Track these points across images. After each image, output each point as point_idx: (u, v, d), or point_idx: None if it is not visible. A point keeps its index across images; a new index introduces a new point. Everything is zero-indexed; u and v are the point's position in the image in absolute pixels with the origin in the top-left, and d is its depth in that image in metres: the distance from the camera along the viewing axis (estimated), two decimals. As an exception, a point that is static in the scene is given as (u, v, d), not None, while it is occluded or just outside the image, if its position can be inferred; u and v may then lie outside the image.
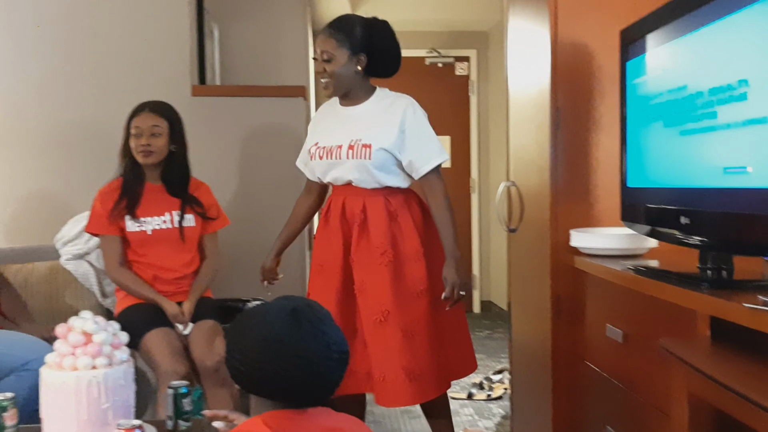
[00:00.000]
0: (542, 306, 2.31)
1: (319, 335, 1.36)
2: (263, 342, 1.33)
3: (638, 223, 1.94)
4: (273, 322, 1.35)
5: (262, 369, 1.33)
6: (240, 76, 3.86)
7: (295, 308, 1.37)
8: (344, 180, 2.34)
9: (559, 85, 2.23)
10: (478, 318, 5.81)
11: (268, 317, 1.36)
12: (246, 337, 1.36)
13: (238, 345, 1.36)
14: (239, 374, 1.37)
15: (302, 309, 1.37)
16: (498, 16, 5.48)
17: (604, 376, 1.95)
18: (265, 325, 1.35)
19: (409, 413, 3.51)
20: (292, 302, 1.41)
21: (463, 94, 6.01)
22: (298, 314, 1.36)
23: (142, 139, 2.52)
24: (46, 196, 3.09)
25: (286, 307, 1.37)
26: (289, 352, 1.32)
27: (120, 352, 1.87)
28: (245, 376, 1.36)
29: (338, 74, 2.30)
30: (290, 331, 1.34)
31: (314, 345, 1.34)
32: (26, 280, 2.74)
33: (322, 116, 2.48)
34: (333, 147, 2.33)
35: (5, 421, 1.86)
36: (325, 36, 2.31)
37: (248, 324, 1.38)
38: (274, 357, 1.33)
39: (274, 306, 1.39)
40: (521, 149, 2.61)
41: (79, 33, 3.13)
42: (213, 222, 2.65)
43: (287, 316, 1.36)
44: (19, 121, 3.10)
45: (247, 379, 1.37)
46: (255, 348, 1.34)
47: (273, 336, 1.33)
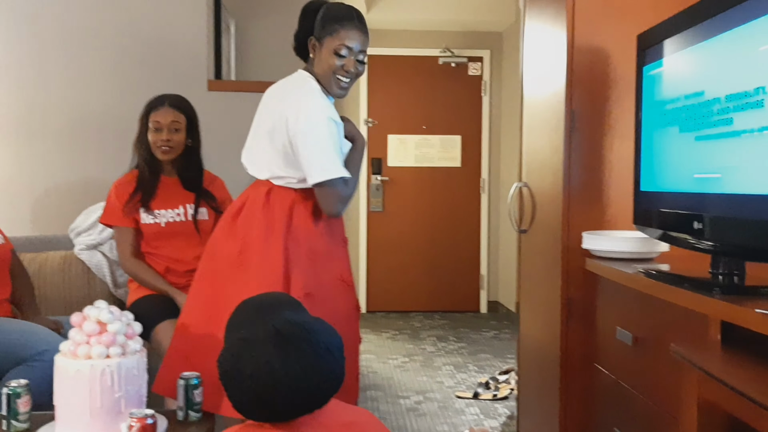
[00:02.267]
0: (552, 307, 2.32)
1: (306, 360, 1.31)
2: (270, 374, 1.29)
3: (650, 226, 1.94)
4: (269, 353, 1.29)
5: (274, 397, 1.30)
6: (255, 72, 3.88)
7: (279, 331, 1.31)
8: None
9: (575, 87, 2.24)
10: (486, 318, 5.83)
11: (252, 347, 1.31)
12: (248, 376, 1.30)
13: (240, 385, 1.31)
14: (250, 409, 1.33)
15: (287, 330, 1.32)
16: (513, 17, 5.48)
17: (614, 379, 1.96)
18: (261, 359, 1.30)
19: (415, 411, 3.52)
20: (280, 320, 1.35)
21: (476, 94, 6.01)
22: (283, 340, 1.31)
23: (162, 135, 2.54)
24: (61, 187, 3.12)
25: (269, 332, 1.32)
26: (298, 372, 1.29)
27: (133, 342, 1.89)
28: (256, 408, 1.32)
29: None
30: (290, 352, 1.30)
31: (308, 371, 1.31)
32: (40, 269, 2.77)
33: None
34: None
35: (19, 408, 1.88)
36: (365, 35, 2.09)
37: (245, 363, 1.31)
38: (286, 382, 1.29)
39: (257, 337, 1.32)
40: (535, 151, 2.62)
41: (100, 28, 3.16)
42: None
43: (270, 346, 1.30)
44: (39, 114, 3.13)
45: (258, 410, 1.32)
46: (263, 383, 1.29)
47: (277, 366, 1.29)
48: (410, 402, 3.66)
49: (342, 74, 2.06)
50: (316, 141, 1.98)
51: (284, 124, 2.01)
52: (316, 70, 2.08)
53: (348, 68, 2.05)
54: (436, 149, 6.02)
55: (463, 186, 6.03)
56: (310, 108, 2.00)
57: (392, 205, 6.00)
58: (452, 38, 5.96)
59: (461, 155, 6.02)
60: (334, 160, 1.99)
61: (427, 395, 3.77)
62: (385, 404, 3.61)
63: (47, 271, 2.79)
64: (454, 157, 6.01)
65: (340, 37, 2.03)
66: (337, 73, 2.06)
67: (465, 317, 5.82)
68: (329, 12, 2.06)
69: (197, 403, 1.91)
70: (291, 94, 2.07)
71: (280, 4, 3.93)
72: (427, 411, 3.52)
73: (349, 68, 2.05)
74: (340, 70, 2.05)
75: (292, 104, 2.02)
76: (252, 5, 3.92)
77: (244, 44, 3.89)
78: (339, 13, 2.06)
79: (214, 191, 2.67)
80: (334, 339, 1.38)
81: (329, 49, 2.04)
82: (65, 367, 1.81)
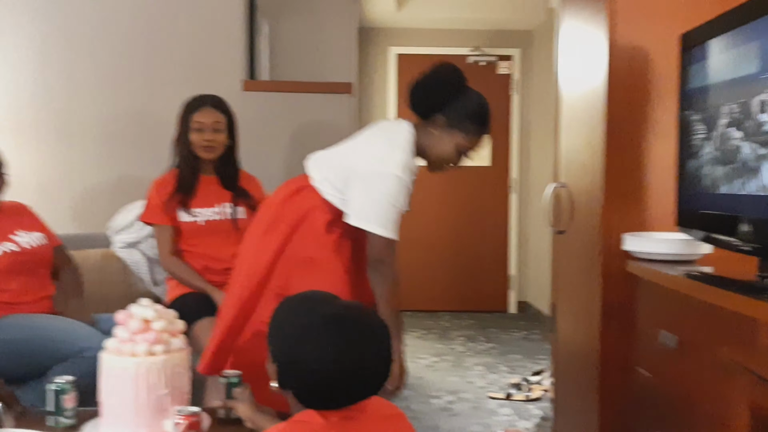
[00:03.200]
0: (591, 309, 2.30)
1: (364, 340, 1.36)
2: (336, 359, 1.32)
3: (693, 228, 1.92)
4: (332, 338, 1.33)
5: (338, 382, 1.33)
6: (288, 72, 3.91)
7: (334, 315, 1.36)
8: None
9: (615, 88, 2.22)
10: (515, 319, 5.80)
11: (309, 334, 1.34)
12: (312, 363, 1.33)
13: (304, 373, 1.34)
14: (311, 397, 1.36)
15: (341, 314, 1.37)
16: (543, 15, 5.45)
17: (657, 383, 1.95)
18: (326, 345, 1.33)
19: (447, 411, 3.52)
20: (334, 307, 1.40)
21: (505, 93, 5.99)
22: (339, 323, 1.35)
23: (205, 135, 2.57)
24: (100, 185, 3.17)
25: (325, 315, 1.37)
26: (362, 355, 1.34)
27: (177, 339, 1.92)
28: (318, 395, 1.35)
29: None
30: (353, 336, 1.34)
31: (365, 352, 1.35)
32: (80, 266, 2.81)
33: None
34: None
35: (65, 404, 1.91)
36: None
37: (307, 350, 1.34)
38: (351, 367, 1.33)
39: (313, 317, 1.37)
40: (572, 150, 2.60)
41: (135, 29, 3.20)
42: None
43: (329, 329, 1.34)
44: (77, 113, 3.18)
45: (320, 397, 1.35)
46: (329, 368, 1.32)
47: (343, 349, 1.33)
48: (442, 402, 3.66)
49: (447, 167, 2.10)
50: (375, 188, 1.96)
51: (363, 157, 2.01)
52: (427, 141, 2.06)
53: (456, 163, 2.10)
54: (465, 148, 5.99)
55: (491, 185, 6.01)
56: (392, 159, 1.97)
57: (420, 204, 5.97)
58: (482, 37, 5.94)
59: (490, 154, 5.99)
60: (379, 214, 1.96)
61: (459, 395, 3.76)
62: (417, 404, 3.61)
63: (86, 269, 2.83)
64: (483, 156, 5.99)
65: (474, 143, 2.07)
66: (449, 162, 2.09)
67: (493, 317, 5.80)
68: (478, 111, 2.08)
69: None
70: (386, 137, 2.05)
71: (313, 5, 3.95)
72: (460, 411, 3.52)
73: (456, 164, 2.10)
74: (449, 163, 2.09)
75: (381, 147, 2.01)
76: (285, 6, 3.94)
77: (277, 44, 3.91)
78: (486, 118, 2.09)
79: (251, 190, 2.70)
80: (382, 323, 1.42)
81: (456, 143, 2.06)
82: (111, 364, 1.84)
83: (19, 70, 3.16)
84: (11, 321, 2.30)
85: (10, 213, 2.47)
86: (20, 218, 2.48)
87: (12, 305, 2.34)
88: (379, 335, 1.39)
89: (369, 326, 1.39)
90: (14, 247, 2.36)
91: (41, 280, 2.45)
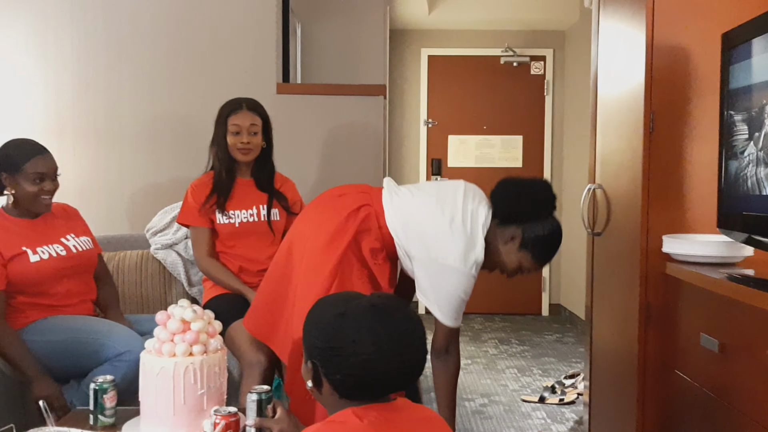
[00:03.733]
0: (629, 312, 2.27)
1: (402, 328, 1.38)
2: (377, 348, 1.34)
3: (734, 230, 1.89)
4: (373, 326, 1.36)
5: (380, 372, 1.36)
6: (320, 74, 3.93)
7: (373, 304, 1.39)
8: None
9: (654, 88, 2.19)
10: (548, 321, 5.75)
11: (364, 324, 1.36)
12: (353, 353, 1.35)
13: (347, 362, 1.36)
14: (352, 388, 1.38)
15: (380, 303, 1.40)
16: (576, 15, 5.40)
17: (697, 387, 1.91)
18: (368, 333, 1.35)
19: (480, 414, 3.50)
20: (370, 297, 1.44)
21: (538, 94, 5.94)
22: (378, 311, 1.38)
23: (242, 137, 2.59)
24: (138, 188, 3.22)
25: (366, 306, 1.39)
26: (400, 345, 1.35)
27: (215, 340, 1.93)
28: (360, 386, 1.37)
29: None
30: (392, 326, 1.37)
31: (411, 327, 1.39)
32: (118, 267, 2.86)
33: None
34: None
35: (105, 403, 1.94)
36: None
37: (348, 339, 1.36)
38: (390, 356, 1.35)
39: (356, 311, 1.39)
40: (610, 152, 2.57)
41: (172, 33, 3.24)
42: (295, 216, 2.71)
43: (378, 314, 1.38)
44: (117, 117, 3.23)
45: (361, 387, 1.37)
46: (370, 357, 1.34)
47: (383, 337, 1.35)
48: (475, 405, 3.64)
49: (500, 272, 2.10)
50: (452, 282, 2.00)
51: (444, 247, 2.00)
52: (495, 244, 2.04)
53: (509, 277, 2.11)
54: (497, 150, 5.97)
55: (524, 187, 5.95)
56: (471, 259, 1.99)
57: (452, 206, 5.97)
58: (514, 37, 5.90)
59: (523, 156, 5.96)
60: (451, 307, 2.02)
61: (492, 398, 3.74)
62: (450, 406, 3.59)
63: (124, 270, 2.88)
64: (516, 158, 5.95)
65: (535, 268, 2.08)
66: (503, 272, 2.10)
67: (526, 320, 5.76)
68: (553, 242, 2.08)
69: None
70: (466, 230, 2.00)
71: (345, 7, 3.97)
72: (493, 414, 3.50)
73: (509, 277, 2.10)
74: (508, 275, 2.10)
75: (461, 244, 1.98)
76: (317, 8, 3.96)
77: (310, 47, 3.94)
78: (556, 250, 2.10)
79: (286, 192, 2.71)
80: (416, 315, 1.44)
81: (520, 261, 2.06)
82: (150, 364, 1.86)
83: (61, 76, 3.22)
84: (54, 322, 2.34)
85: (61, 215, 2.52)
86: (71, 222, 2.53)
87: (56, 308, 2.38)
88: (415, 324, 1.41)
89: (406, 315, 1.41)
90: (63, 251, 2.40)
91: (86, 284, 2.49)
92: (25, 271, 2.30)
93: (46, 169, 2.36)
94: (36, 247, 2.35)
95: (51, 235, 2.41)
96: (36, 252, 2.34)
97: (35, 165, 2.33)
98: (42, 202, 2.37)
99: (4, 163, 2.32)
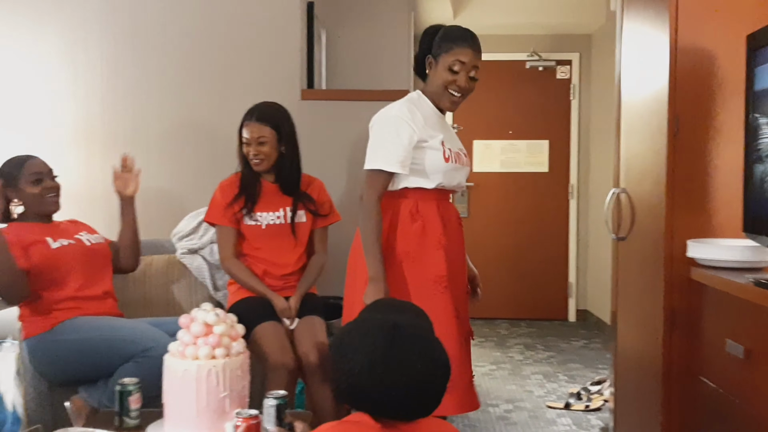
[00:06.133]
0: (654, 318, 2.24)
1: (423, 352, 1.34)
2: (369, 365, 1.32)
3: (761, 234, 1.86)
4: (376, 344, 1.33)
5: (367, 390, 1.33)
6: (345, 80, 3.95)
7: (396, 325, 1.35)
8: (461, 186, 2.36)
9: (678, 91, 2.17)
10: (574, 327, 5.70)
11: (370, 338, 1.34)
12: (349, 360, 1.34)
13: (341, 366, 1.35)
14: (343, 394, 1.37)
15: (404, 325, 1.36)
16: (602, 19, 5.36)
17: (722, 393, 1.88)
18: (367, 347, 1.33)
19: (505, 420, 3.48)
20: (392, 316, 1.40)
21: (564, 98, 5.90)
22: (401, 332, 1.34)
23: (250, 148, 2.62)
24: (165, 193, 3.26)
25: (387, 323, 1.36)
26: (395, 374, 1.31)
27: (237, 343, 1.96)
28: (350, 395, 1.36)
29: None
30: (395, 352, 1.32)
31: (420, 364, 1.33)
32: (145, 271, 2.90)
33: (429, 115, 2.28)
34: (459, 151, 2.33)
35: (130, 404, 1.98)
36: (478, 54, 2.29)
37: (350, 345, 1.36)
38: (379, 379, 1.32)
39: (374, 323, 1.37)
40: (634, 155, 2.55)
41: (199, 41, 3.28)
42: (324, 217, 2.72)
43: (390, 335, 1.33)
44: (144, 124, 3.28)
45: (353, 398, 1.37)
46: (359, 371, 1.33)
47: (377, 358, 1.31)
48: (500, 410, 3.62)
49: (454, 89, 2.24)
50: (375, 134, 2.25)
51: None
52: (429, 87, 2.30)
53: (459, 83, 2.24)
54: (522, 154, 5.94)
55: (550, 192, 5.93)
56: (385, 110, 2.27)
57: (478, 211, 5.96)
58: (540, 42, 5.88)
59: (549, 160, 5.92)
60: (380, 153, 2.20)
61: (516, 404, 3.72)
62: (474, 412, 3.57)
63: (152, 274, 2.92)
64: (542, 162, 5.92)
65: (455, 54, 2.23)
66: (449, 87, 2.25)
67: (552, 325, 5.71)
68: (446, 32, 2.29)
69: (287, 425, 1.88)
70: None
71: (369, 13, 3.99)
72: (518, 420, 3.48)
73: (461, 83, 2.24)
74: (452, 84, 2.24)
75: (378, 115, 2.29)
76: (342, 15, 3.98)
77: (334, 52, 3.96)
78: (455, 33, 2.29)
79: (312, 193, 2.72)
80: (443, 356, 1.37)
81: (444, 66, 2.24)
82: (174, 367, 1.89)
83: (90, 84, 3.28)
84: (79, 323, 2.39)
85: (72, 223, 2.68)
86: (80, 227, 2.68)
87: (77, 300, 2.45)
88: (433, 362, 1.35)
89: (425, 351, 1.34)
90: (78, 244, 2.55)
91: (102, 276, 2.57)
92: (48, 254, 2.43)
93: (40, 168, 2.51)
94: (56, 237, 2.50)
95: (66, 233, 2.56)
96: (57, 240, 2.48)
97: (30, 167, 2.49)
98: (49, 200, 2.52)
99: (4, 180, 2.49)
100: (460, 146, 2.37)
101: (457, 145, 2.35)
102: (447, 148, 2.26)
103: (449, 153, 2.26)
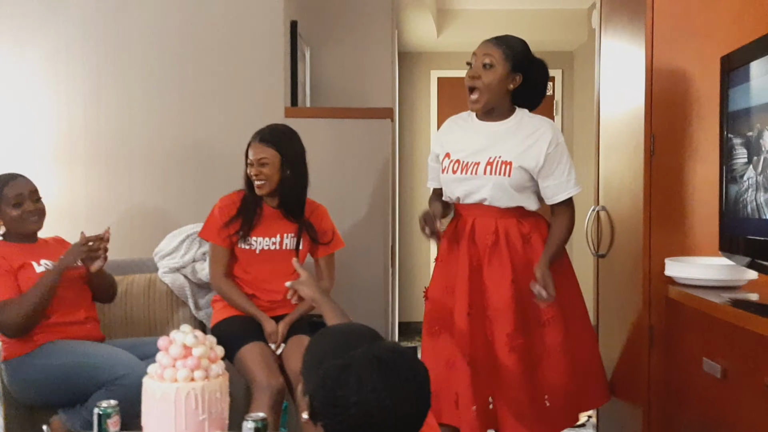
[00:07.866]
0: (633, 335, 2.26)
1: (408, 387, 1.32)
2: (355, 409, 1.28)
3: (737, 254, 1.88)
4: (362, 384, 1.29)
5: (349, 426, 1.30)
6: (329, 98, 3.95)
7: (379, 358, 1.32)
8: (477, 198, 2.31)
9: (655, 110, 2.20)
10: (559, 342, 5.69)
11: (353, 376, 1.30)
12: (352, 405, 1.29)
13: (341, 414, 1.30)
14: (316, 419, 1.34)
15: (386, 356, 1.33)
16: (584, 36, 5.41)
17: (700, 412, 1.89)
18: (352, 387, 1.29)
19: None
20: (376, 347, 1.36)
21: (547, 114, 5.91)
22: (384, 365, 1.31)
23: (253, 169, 2.58)
24: (147, 211, 3.24)
25: (369, 356, 1.33)
26: (378, 411, 1.29)
27: (216, 365, 1.94)
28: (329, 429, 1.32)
29: (493, 87, 2.30)
30: (392, 381, 1.30)
31: (412, 380, 1.32)
32: (126, 291, 2.88)
33: (453, 129, 2.43)
34: (469, 162, 2.30)
35: (109, 427, 1.95)
36: (493, 45, 2.33)
37: (332, 384, 1.31)
38: (364, 416, 1.29)
39: (357, 358, 1.33)
40: (612, 173, 2.57)
41: (182, 58, 3.28)
42: (326, 245, 2.69)
43: (374, 372, 1.30)
44: (126, 142, 3.26)
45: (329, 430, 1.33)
46: (366, 412, 1.29)
47: (364, 400, 1.28)
48: (484, 427, 3.61)
49: (468, 83, 2.38)
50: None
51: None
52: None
53: (473, 75, 2.35)
54: (507, 170, 5.96)
55: (534, 207, 5.94)
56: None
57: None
58: (523, 58, 5.92)
59: (533, 176, 5.94)
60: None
61: (501, 421, 3.71)
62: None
63: (133, 293, 2.90)
64: (526, 178, 5.94)
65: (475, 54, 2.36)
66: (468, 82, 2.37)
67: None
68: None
69: None
70: None
71: (353, 32, 4.01)
72: None
73: (475, 75, 2.34)
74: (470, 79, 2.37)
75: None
76: (326, 31, 4.00)
77: (318, 70, 3.97)
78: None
79: (314, 220, 2.68)
80: (423, 368, 1.38)
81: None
82: (152, 389, 1.88)
83: (73, 99, 3.26)
84: (57, 347, 2.37)
85: (55, 243, 2.63)
86: (65, 246, 2.60)
87: (59, 325, 2.42)
88: (421, 378, 1.35)
89: (412, 369, 1.34)
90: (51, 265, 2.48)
91: (83, 299, 2.54)
92: (34, 279, 2.38)
93: (22, 189, 2.46)
94: (39, 259, 2.46)
95: (49, 254, 2.52)
96: (40, 264, 2.44)
97: (11, 189, 2.44)
98: (29, 221, 2.48)
99: None
100: (491, 156, 2.30)
101: (481, 156, 2.30)
102: (453, 159, 2.30)
103: (448, 163, 2.30)
